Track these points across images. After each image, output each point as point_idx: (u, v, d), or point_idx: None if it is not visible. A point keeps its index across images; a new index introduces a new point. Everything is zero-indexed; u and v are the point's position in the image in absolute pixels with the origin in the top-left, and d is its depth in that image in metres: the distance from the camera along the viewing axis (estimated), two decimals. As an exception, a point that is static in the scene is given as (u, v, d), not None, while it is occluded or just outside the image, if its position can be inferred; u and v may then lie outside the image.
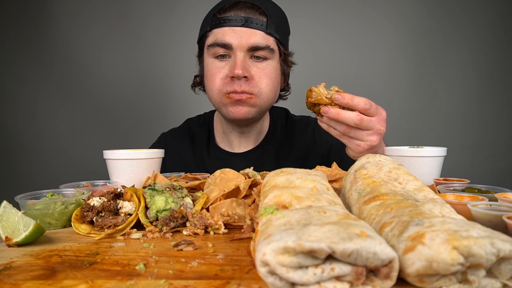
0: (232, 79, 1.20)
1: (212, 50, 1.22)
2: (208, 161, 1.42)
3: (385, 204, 0.56)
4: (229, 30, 1.19)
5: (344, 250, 0.39)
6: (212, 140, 1.48)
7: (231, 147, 1.44)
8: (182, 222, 0.71)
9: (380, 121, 0.95)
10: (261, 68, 1.22)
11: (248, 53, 1.20)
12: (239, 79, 1.19)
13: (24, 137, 3.02)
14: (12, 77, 2.99)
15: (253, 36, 1.19)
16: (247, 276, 0.48)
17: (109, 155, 1.02)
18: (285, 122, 1.49)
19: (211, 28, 1.23)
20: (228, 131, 1.41)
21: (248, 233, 0.64)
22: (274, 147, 1.42)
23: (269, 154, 1.41)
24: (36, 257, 0.57)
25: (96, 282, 0.46)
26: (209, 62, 1.25)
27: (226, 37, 1.18)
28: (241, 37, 1.18)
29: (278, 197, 0.56)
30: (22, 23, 2.95)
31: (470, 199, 0.71)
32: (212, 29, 1.23)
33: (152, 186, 0.80)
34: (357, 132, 0.94)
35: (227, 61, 1.22)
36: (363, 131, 0.94)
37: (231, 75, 1.19)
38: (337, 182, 0.92)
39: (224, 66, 1.22)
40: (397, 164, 0.70)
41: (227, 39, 1.18)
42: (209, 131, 1.50)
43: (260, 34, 1.20)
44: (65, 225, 0.76)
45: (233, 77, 1.19)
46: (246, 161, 1.37)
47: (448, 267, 0.40)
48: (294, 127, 1.48)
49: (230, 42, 1.18)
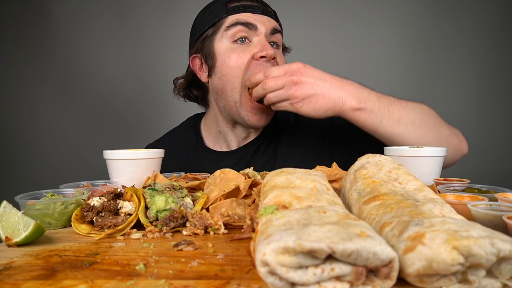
0: (258, 61, 1.15)
1: (232, 30, 1.17)
2: (197, 165, 1.35)
3: (385, 204, 0.56)
4: (251, 15, 1.18)
5: (344, 250, 0.39)
6: (200, 142, 1.41)
7: (228, 146, 1.38)
8: (182, 222, 0.71)
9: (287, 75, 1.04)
10: (279, 54, 1.24)
11: (268, 37, 1.20)
12: (269, 61, 1.15)
13: (24, 137, 3.02)
14: (12, 77, 2.99)
15: (271, 21, 1.22)
16: (247, 276, 0.48)
17: (109, 155, 1.02)
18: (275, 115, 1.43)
19: (227, 14, 1.18)
20: (228, 129, 1.34)
21: (248, 233, 0.64)
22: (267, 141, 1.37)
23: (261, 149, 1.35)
24: (36, 257, 0.57)
25: (96, 282, 0.46)
26: (227, 47, 1.18)
27: (249, 19, 1.17)
28: (263, 21, 1.19)
29: (278, 197, 0.56)
30: (22, 23, 2.95)
31: (470, 199, 0.71)
32: (229, 15, 1.18)
33: (152, 186, 0.80)
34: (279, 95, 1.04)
35: (247, 44, 1.17)
36: (279, 91, 1.04)
37: (261, 54, 1.14)
38: (337, 182, 0.92)
39: (246, 49, 1.17)
40: (397, 164, 0.70)
41: (251, 20, 1.17)
42: (197, 134, 1.43)
43: (275, 22, 1.25)
44: (65, 225, 0.76)
45: (262, 57, 1.15)
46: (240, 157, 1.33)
47: (448, 267, 0.40)
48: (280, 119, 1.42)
49: (255, 23, 1.17)
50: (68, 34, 2.94)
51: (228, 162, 1.28)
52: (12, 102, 3.01)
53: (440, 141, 1.13)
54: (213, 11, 1.23)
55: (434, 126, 1.14)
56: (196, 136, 1.42)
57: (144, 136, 2.72)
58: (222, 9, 1.20)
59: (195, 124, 1.47)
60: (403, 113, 1.09)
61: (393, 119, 1.08)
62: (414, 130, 1.09)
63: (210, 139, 1.41)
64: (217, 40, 1.21)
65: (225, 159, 1.33)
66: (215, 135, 1.40)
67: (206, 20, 1.24)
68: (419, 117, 1.11)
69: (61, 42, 2.95)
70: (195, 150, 1.40)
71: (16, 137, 3.02)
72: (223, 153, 1.37)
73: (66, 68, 2.95)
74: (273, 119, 1.39)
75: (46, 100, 2.99)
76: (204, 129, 1.43)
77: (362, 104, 1.06)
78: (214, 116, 1.37)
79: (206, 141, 1.41)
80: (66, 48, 2.95)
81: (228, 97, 1.22)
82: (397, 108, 1.09)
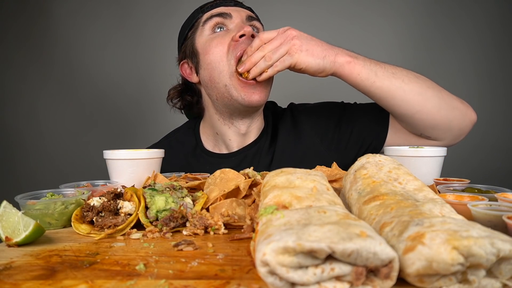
0: (238, 42, 1.17)
1: (209, 23, 1.23)
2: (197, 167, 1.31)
3: (385, 204, 0.56)
4: (224, 8, 1.24)
5: (344, 250, 0.39)
6: (200, 145, 1.40)
7: (227, 148, 1.36)
8: (182, 222, 0.71)
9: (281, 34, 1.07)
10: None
11: (245, 23, 1.23)
12: (248, 38, 1.17)
13: (24, 137, 3.02)
14: (12, 76, 2.99)
15: (246, 11, 1.28)
16: (247, 276, 0.48)
17: (109, 155, 1.02)
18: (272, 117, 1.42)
19: (202, 13, 1.26)
20: (226, 128, 1.31)
21: (248, 233, 0.64)
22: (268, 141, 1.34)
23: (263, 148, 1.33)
24: (36, 257, 0.57)
25: (96, 282, 0.46)
26: (207, 38, 1.23)
27: (223, 10, 1.24)
28: (237, 10, 1.25)
29: (278, 197, 0.56)
30: (22, 23, 2.95)
31: (470, 199, 0.71)
32: (204, 13, 1.26)
33: (152, 186, 0.80)
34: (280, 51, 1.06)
35: (226, 31, 1.23)
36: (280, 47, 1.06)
37: (240, 33, 1.16)
38: (337, 182, 0.92)
39: (224, 34, 1.21)
40: (397, 164, 0.70)
41: (225, 10, 1.23)
42: (196, 137, 1.42)
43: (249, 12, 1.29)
44: (65, 225, 0.76)
45: (241, 37, 1.17)
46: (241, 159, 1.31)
47: (448, 267, 0.40)
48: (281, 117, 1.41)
49: (229, 12, 1.22)
50: (68, 34, 2.94)
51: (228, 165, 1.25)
52: (12, 102, 3.01)
53: (443, 100, 1.11)
54: (190, 17, 1.32)
55: (432, 84, 1.13)
56: (196, 139, 1.42)
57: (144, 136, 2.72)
58: (197, 11, 1.29)
59: (194, 126, 1.46)
60: (396, 69, 1.11)
61: (388, 72, 1.09)
62: (412, 84, 1.08)
63: (209, 142, 1.40)
64: (197, 37, 1.27)
65: (225, 161, 1.32)
66: (213, 138, 1.38)
67: (185, 26, 1.33)
68: (414, 75, 1.12)
69: (61, 42, 2.95)
70: (194, 152, 1.39)
71: (16, 137, 3.02)
72: (223, 155, 1.35)
73: (66, 68, 2.95)
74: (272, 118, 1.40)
75: (46, 100, 2.99)
76: (203, 132, 1.42)
77: (354, 57, 1.09)
78: (210, 118, 1.36)
79: (205, 144, 1.40)
80: (66, 48, 2.95)
81: (217, 84, 1.21)
82: (389, 65, 1.11)
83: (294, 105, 1.46)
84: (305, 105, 1.45)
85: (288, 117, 1.39)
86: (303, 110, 1.40)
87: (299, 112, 1.40)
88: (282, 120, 1.40)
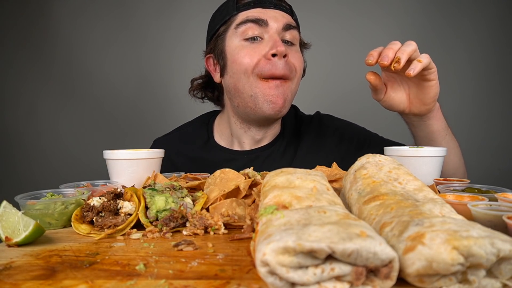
0: (269, 60, 1.11)
1: (243, 28, 1.14)
2: (205, 162, 1.33)
3: (385, 204, 0.56)
4: (261, 10, 1.14)
5: (344, 250, 0.39)
6: (211, 139, 1.40)
7: (239, 146, 1.36)
8: (182, 222, 0.71)
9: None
10: (294, 52, 1.18)
11: (281, 34, 1.16)
12: (280, 58, 1.10)
13: (24, 137, 3.02)
14: (12, 77, 2.99)
15: (285, 16, 1.18)
16: (247, 276, 0.48)
17: (109, 155, 1.02)
18: (294, 121, 1.42)
19: (238, 11, 1.16)
20: (242, 131, 1.31)
21: (248, 233, 0.64)
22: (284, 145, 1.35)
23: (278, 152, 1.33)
24: (36, 257, 0.57)
25: (96, 282, 0.46)
26: (238, 45, 1.15)
27: (260, 14, 1.13)
28: (275, 16, 1.15)
29: (278, 197, 0.56)
30: (22, 23, 2.95)
31: (470, 199, 0.71)
32: (240, 11, 1.16)
33: (152, 186, 0.80)
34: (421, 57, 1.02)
35: (259, 42, 1.14)
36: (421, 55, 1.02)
37: (272, 52, 1.09)
38: (337, 182, 0.92)
39: (257, 46, 1.13)
40: (397, 164, 0.70)
41: (261, 15, 1.13)
42: (208, 132, 1.42)
43: (289, 17, 1.20)
44: (65, 225, 0.76)
45: (274, 56, 1.10)
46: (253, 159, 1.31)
47: (448, 267, 0.40)
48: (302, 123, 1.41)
49: (265, 19, 1.13)
50: (69, 34, 2.95)
51: (239, 162, 1.26)
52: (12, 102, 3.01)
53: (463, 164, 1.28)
54: (224, 9, 1.22)
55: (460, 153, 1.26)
56: (208, 133, 1.41)
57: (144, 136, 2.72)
58: (233, 7, 1.18)
59: (208, 121, 1.45)
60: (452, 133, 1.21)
61: (451, 132, 1.19)
62: (458, 150, 1.21)
63: (221, 138, 1.40)
64: (227, 38, 1.19)
65: (237, 157, 1.31)
66: (226, 137, 1.38)
67: (218, 19, 1.23)
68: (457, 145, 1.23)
69: (62, 42, 2.95)
70: (205, 146, 1.38)
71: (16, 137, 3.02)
72: (235, 151, 1.35)
73: (66, 68, 2.95)
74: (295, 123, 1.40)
75: (46, 100, 2.99)
76: (217, 129, 1.41)
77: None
78: (227, 118, 1.35)
79: (217, 139, 1.40)
80: (66, 48, 2.95)
81: (242, 94, 1.18)
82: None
83: (322, 116, 1.44)
84: (332, 118, 1.44)
85: (315, 127, 1.38)
86: (331, 125, 1.40)
87: (327, 126, 1.39)
88: (307, 127, 1.38)
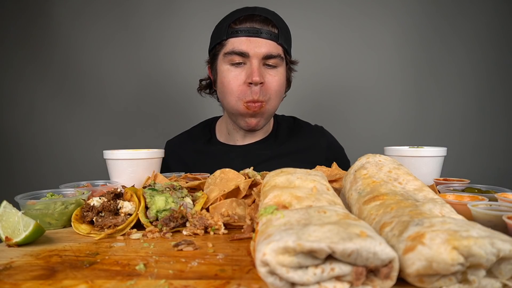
0: (249, 85, 1.32)
1: (229, 57, 1.34)
2: (208, 154, 1.52)
3: (385, 204, 0.56)
4: (246, 40, 1.31)
5: (344, 250, 0.39)
6: (214, 138, 1.58)
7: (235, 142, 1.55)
8: (182, 222, 0.71)
9: None
10: (272, 75, 1.36)
11: (262, 61, 1.32)
12: (256, 85, 1.31)
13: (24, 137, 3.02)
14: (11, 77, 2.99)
15: (267, 45, 1.32)
16: (247, 276, 0.48)
17: (109, 155, 1.02)
18: (292, 125, 1.62)
19: (227, 37, 1.34)
20: (234, 131, 1.53)
21: (248, 233, 0.64)
22: (276, 142, 1.53)
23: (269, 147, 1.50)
24: (36, 257, 0.57)
25: (96, 282, 0.46)
26: (225, 68, 1.36)
27: (243, 46, 1.31)
28: (256, 46, 1.31)
29: (278, 197, 0.56)
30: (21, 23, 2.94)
31: (470, 199, 0.71)
32: (229, 38, 1.34)
33: (152, 186, 0.80)
34: None
35: (242, 67, 1.34)
36: None
37: (249, 81, 1.31)
38: (337, 182, 0.92)
39: (240, 73, 1.34)
40: (397, 164, 0.70)
41: (244, 48, 1.30)
42: (211, 131, 1.62)
43: (272, 44, 1.33)
44: (65, 225, 0.76)
45: (250, 83, 1.31)
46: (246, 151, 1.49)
47: (448, 267, 0.40)
48: (300, 128, 1.60)
49: (247, 51, 1.30)
50: (68, 35, 2.94)
51: (235, 153, 1.48)
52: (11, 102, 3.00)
53: None
54: (220, 29, 1.37)
55: None
56: (211, 133, 1.62)
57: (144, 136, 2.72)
58: (225, 31, 1.35)
59: (211, 124, 1.66)
60: None
61: None
62: None
63: (221, 137, 1.59)
64: (219, 60, 1.39)
65: (232, 150, 1.51)
66: (225, 135, 1.58)
67: (215, 37, 1.40)
68: None
69: (61, 42, 2.94)
70: (209, 143, 1.58)
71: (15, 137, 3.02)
72: (231, 146, 1.54)
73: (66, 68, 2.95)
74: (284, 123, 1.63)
75: (45, 100, 2.99)
76: (218, 129, 1.61)
77: None
78: (225, 118, 1.55)
79: (218, 137, 1.59)
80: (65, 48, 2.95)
81: (226, 107, 1.42)
82: None
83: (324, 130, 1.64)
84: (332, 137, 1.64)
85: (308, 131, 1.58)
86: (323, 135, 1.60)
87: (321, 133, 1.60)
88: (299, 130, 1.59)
